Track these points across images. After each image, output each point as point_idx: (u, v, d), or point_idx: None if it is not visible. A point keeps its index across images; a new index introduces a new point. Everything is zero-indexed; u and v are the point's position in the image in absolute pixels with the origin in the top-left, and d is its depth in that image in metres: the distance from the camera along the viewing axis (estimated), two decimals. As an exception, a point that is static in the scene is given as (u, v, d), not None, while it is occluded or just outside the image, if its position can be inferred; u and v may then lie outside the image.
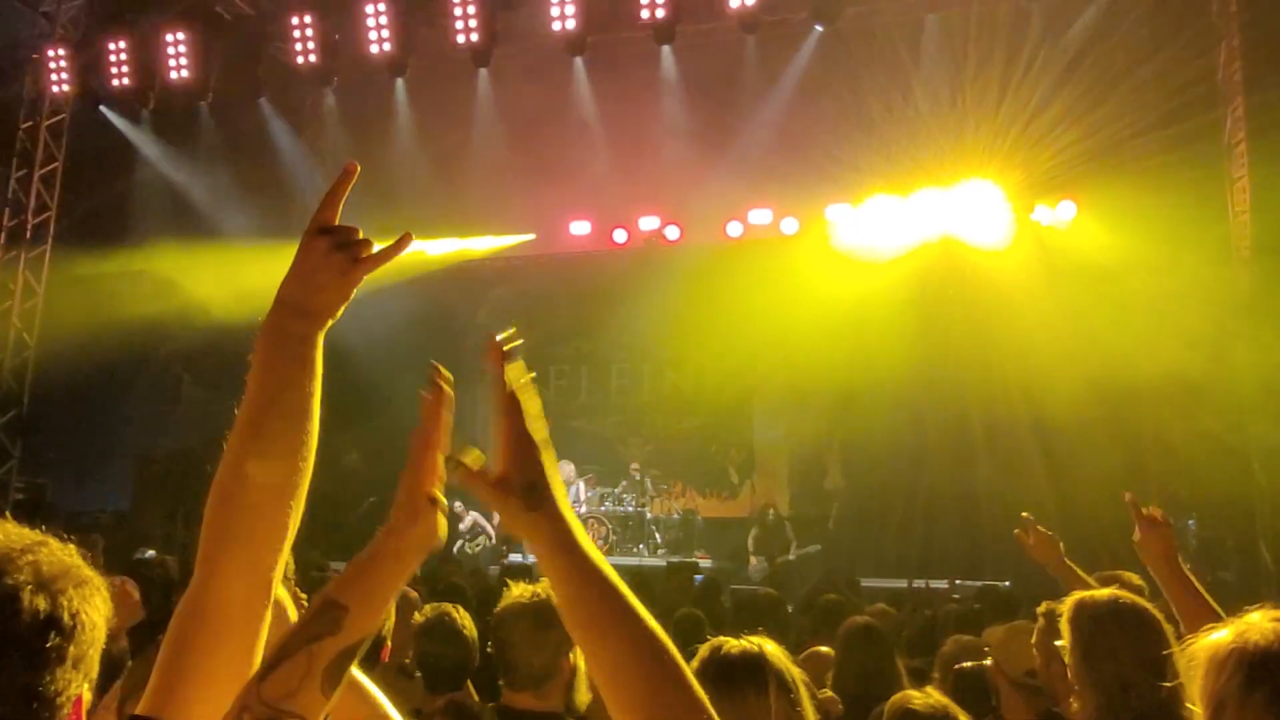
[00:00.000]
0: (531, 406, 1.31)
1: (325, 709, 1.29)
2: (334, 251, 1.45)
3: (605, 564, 1.27)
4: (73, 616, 1.12)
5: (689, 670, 1.24)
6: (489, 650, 3.63)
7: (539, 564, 1.28)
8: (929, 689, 2.76)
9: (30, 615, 1.08)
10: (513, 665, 2.94)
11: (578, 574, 1.25)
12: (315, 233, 1.46)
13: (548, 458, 1.30)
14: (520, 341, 1.33)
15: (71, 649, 1.12)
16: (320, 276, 1.45)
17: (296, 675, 1.26)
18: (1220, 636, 1.81)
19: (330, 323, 1.48)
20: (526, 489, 1.27)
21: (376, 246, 1.51)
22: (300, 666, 1.27)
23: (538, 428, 1.30)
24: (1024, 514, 4.27)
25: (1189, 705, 1.86)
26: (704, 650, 2.27)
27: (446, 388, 1.39)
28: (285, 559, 1.38)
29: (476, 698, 3.96)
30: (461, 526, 14.73)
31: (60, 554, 1.15)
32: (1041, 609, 3.38)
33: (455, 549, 14.79)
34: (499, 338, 1.32)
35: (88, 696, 1.16)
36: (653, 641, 1.23)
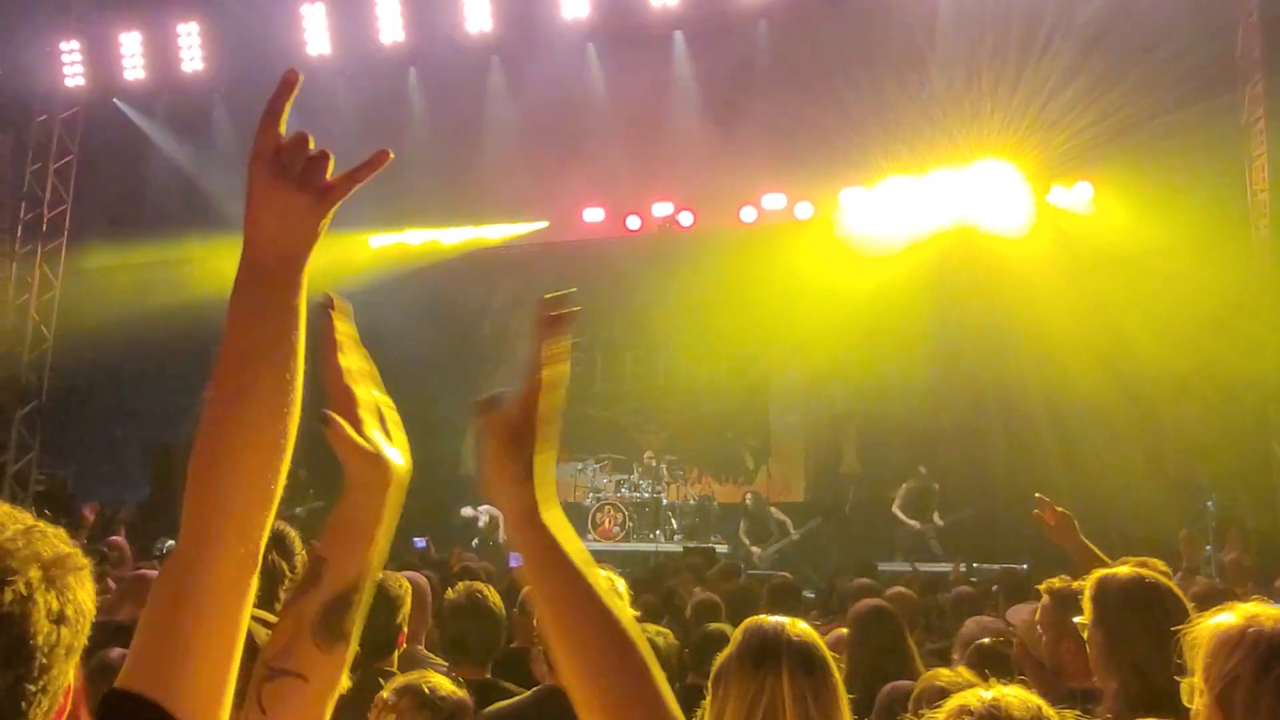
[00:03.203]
0: (555, 397, 1.32)
1: (330, 665, 1.28)
2: (298, 193, 1.32)
3: (581, 553, 1.29)
4: (77, 610, 1.09)
5: (659, 671, 1.25)
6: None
7: (509, 534, 1.33)
8: (960, 668, 2.77)
9: (44, 613, 1.05)
10: None
11: (545, 558, 1.28)
12: (271, 171, 1.32)
13: (547, 453, 1.32)
14: (577, 308, 1.33)
15: (73, 642, 1.09)
16: (287, 219, 1.33)
17: (287, 632, 1.28)
18: (1228, 620, 1.86)
19: (308, 259, 1.36)
20: (526, 461, 1.30)
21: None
22: (290, 622, 1.28)
23: (557, 398, 1.32)
24: (1037, 494, 4.27)
25: (1188, 680, 1.90)
26: (739, 628, 2.42)
27: (338, 319, 1.39)
28: (271, 524, 1.31)
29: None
30: (480, 524, 14.77)
31: (53, 538, 1.10)
32: (1044, 586, 3.38)
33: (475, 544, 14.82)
34: (550, 299, 1.34)
35: (74, 677, 1.13)
36: (615, 626, 1.25)
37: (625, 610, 1.28)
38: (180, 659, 1.20)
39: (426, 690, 2.80)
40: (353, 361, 1.39)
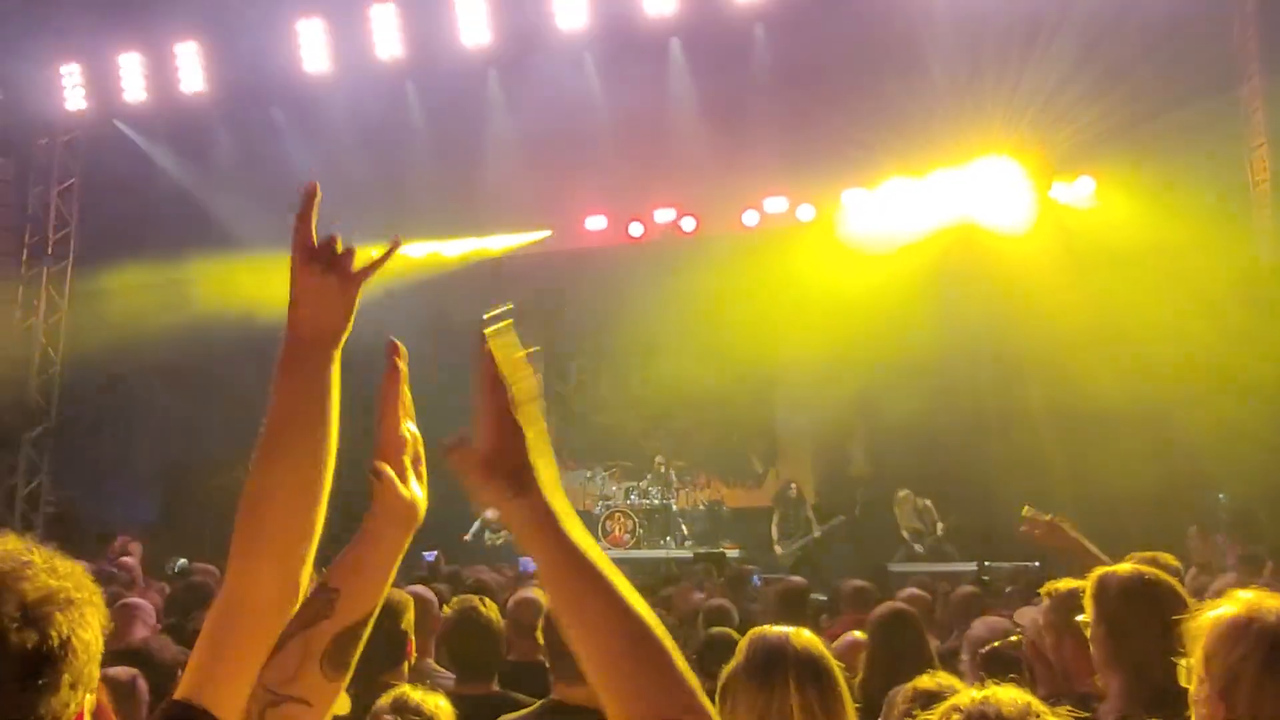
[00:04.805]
0: (523, 386, 1.30)
1: (333, 693, 1.35)
2: (327, 274, 1.53)
3: (596, 551, 1.26)
4: (63, 644, 1.12)
5: (680, 658, 1.21)
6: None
7: (523, 548, 1.28)
8: (941, 673, 2.79)
9: (18, 652, 1.08)
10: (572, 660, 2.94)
11: (560, 559, 1.24)
12: (303, 259, 1.53)
13: (538, 442, 1.28)
14: (510, 308, 1.31)
15: (66, 675, 1.12)
16: (322, 300, 1.54)
17: (294, 660, 1.34)
18: (1230, 611, 1.83)
19: (343, 339, 1.58)
20: (511, 474, 1.26)
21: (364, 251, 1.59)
22: (297, 651, 1.34)
23: (528, 410, 1.29)
24: (1024, 510, 4.26)
25: (1185, 662, 1.88)
26: (744, 640, 2.43)
27: (401, 364, 1.52)
28: (311, 557, 1.47)
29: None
30: (489, 514, 14.74)
31: (45, 576, 1.14)
32: (1045, 589, 3.37)
33: (471, 536, 14.80)
34: (487, 316, 1.31)
35: (90, 700, 1.19)
36: (640, 628, 1.21)
37: (642, 601, 1.25)
38: (228, 673, 1.37)
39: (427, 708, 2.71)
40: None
